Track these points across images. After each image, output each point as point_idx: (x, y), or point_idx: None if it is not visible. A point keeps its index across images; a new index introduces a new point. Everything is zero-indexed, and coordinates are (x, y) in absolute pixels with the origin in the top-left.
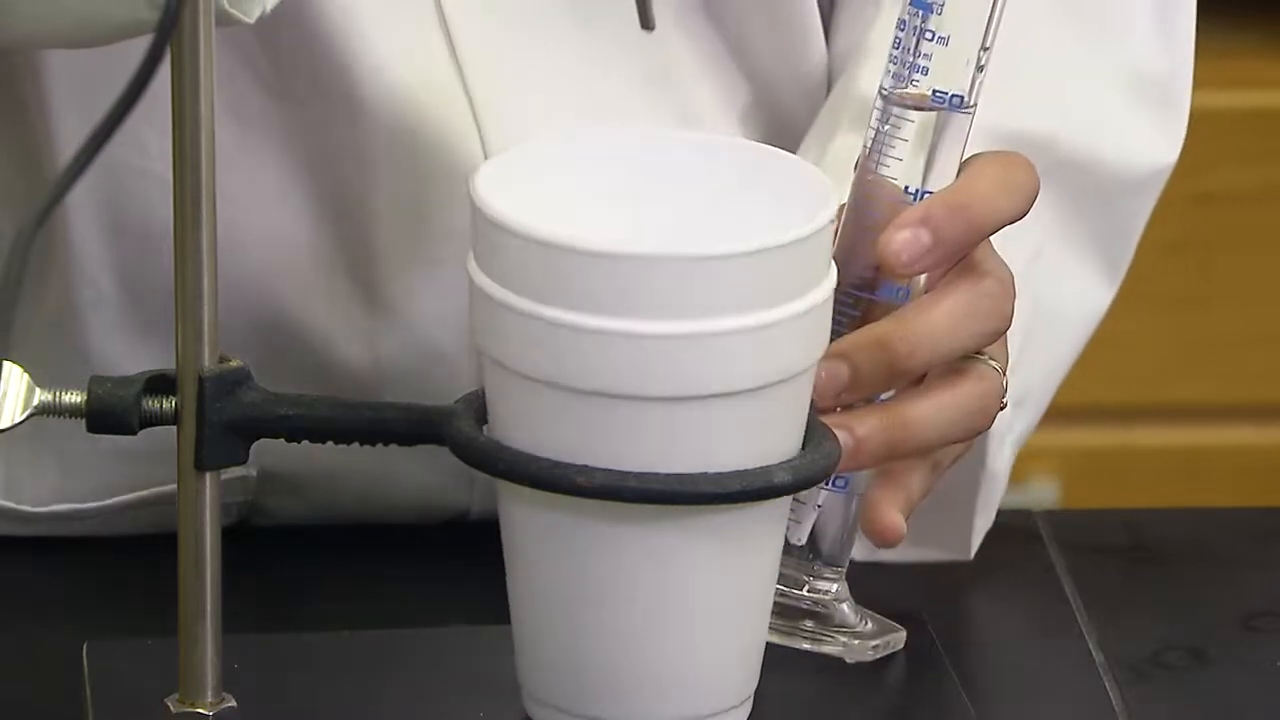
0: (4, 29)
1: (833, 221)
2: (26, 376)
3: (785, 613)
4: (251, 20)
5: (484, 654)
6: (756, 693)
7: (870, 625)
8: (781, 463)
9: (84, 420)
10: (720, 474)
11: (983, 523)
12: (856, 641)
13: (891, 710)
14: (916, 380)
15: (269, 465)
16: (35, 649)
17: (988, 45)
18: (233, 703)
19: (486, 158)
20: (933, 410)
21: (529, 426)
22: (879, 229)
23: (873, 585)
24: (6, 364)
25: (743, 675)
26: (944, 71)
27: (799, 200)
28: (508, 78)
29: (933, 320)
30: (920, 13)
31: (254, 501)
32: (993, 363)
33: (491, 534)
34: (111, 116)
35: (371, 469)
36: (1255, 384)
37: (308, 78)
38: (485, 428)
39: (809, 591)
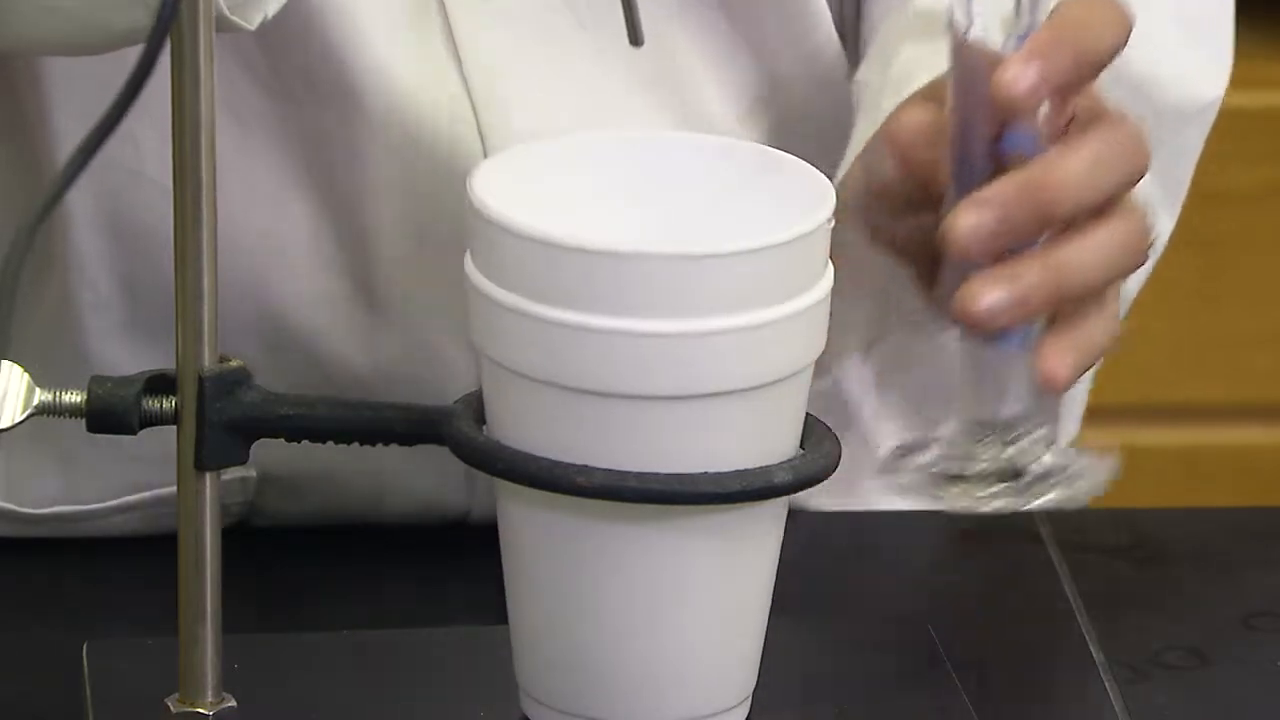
0: (4, 34)
1: (831, 220)
2: (27, 376)
3: (999, 477)
4: (253, 27)
5: (483, 654)
6: (755, 692)
7: (1082, 460)
8: (781, 463)
9: (84, 420)
10: (720, 474)
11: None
12: (1070, 490)
13: (891, 711)
14: (1063, 228)
15: (268, 468)
16: (35, 649)
17: None
18: (233, 703)
19: (486, 156)
20: (1089, 249)
21: (528, 426)
22: (987, 82)
23: (873, 586)
24: (6, 363)
25: (741, 675)
26: None
27: (798, 201)
28: (509, 77)
29: (1074, 163)
30: None
31: (253, 503)
32: (1136, 202)
33: (491, 535)
34: (106, 121)
35: (371, 470)
36: (1258, 384)
37: (305, 77)
38: (484, 428)
39: (1014, 453)
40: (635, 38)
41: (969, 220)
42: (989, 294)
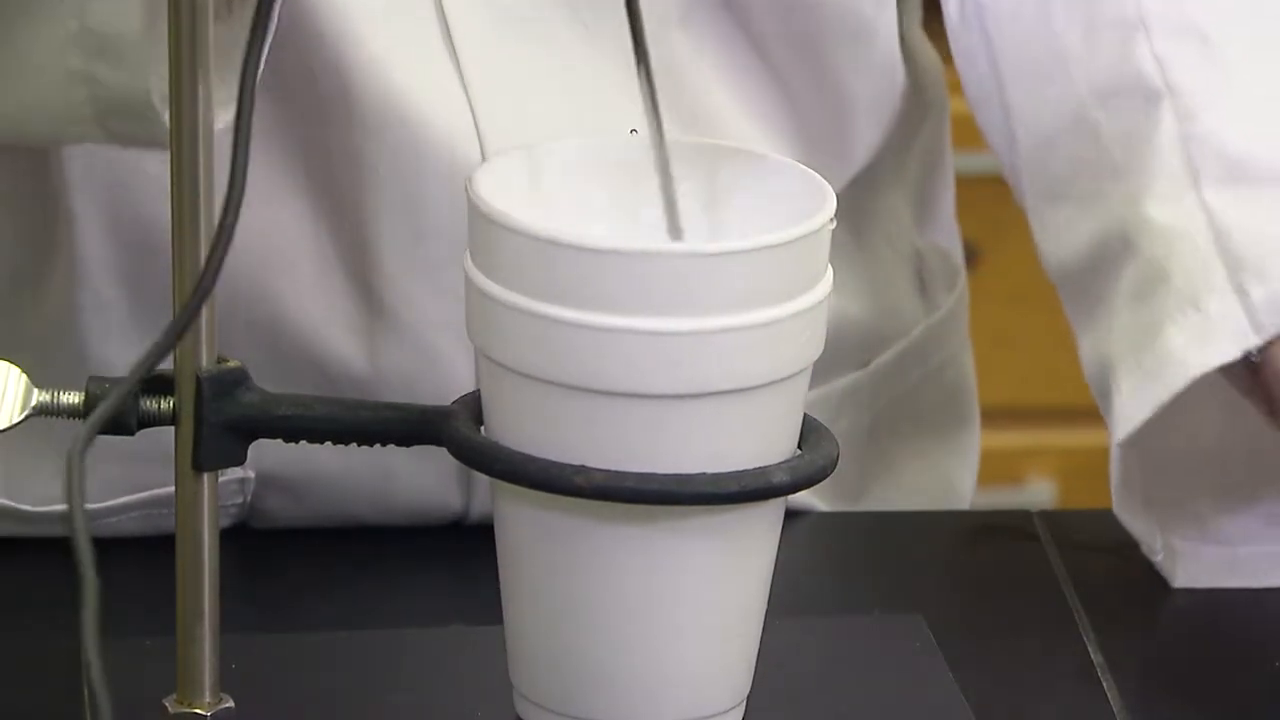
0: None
1: (831, 221)
2: (25, 377)
3: None
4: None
5: (481, 654)
6: (752, 692)
7: None
8: (779, 463)
9: (82, 420)
10: (718, 474)
11: None
12: None
13: (889, 711)
14: None
15: (267, 469)
16: (35, 649)
17: None
18: (230, 703)
19: (484, 157)
20: None
21: (526, 426)
22: None
23: (869, 585)
24: (4, 364)
25: (737, 677)
26: None
27: (798, 202)
28: (507, 77)
29: None
30: None
31: (251, 504)
32: None
33: (488, 535)
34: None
35: (369, 471)
36: None
37: (302, 75)
38: (482, 428)
39: None
40: (642, 58)
41: None
42: None
